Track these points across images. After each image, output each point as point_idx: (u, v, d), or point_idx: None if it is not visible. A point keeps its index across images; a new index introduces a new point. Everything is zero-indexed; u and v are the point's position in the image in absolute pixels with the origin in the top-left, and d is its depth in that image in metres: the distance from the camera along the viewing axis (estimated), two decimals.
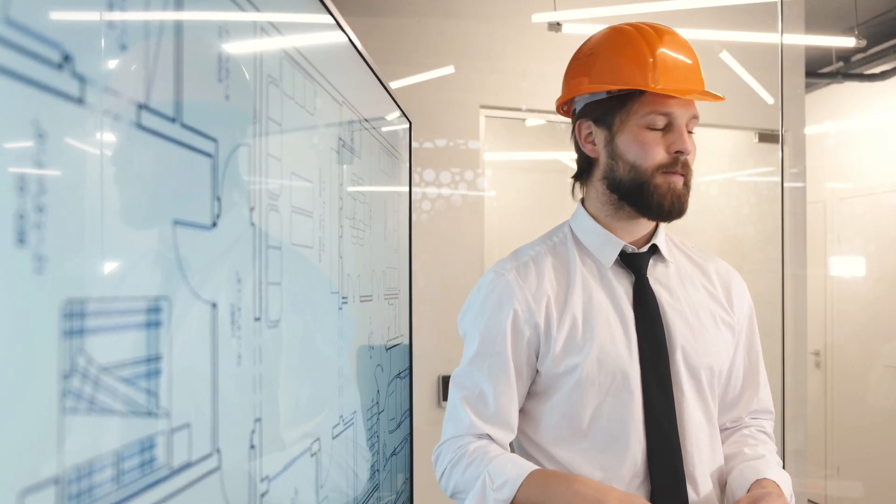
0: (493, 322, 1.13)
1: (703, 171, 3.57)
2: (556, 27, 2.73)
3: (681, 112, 1.08)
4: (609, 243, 1.16)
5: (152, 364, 0.61)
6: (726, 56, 3.06)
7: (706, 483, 1.12)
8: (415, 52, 2.79)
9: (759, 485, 1.07)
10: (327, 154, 1.17)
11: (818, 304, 3.83)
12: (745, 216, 3.43)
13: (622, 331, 1.12)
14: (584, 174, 1.20)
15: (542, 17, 2.74)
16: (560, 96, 1.22)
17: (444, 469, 1.14)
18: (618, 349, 1.10)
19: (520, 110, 2.93)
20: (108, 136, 0.55)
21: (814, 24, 3.16)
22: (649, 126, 1.09)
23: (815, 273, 3.78)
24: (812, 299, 3.36)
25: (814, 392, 3.90)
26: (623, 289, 1.15)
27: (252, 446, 0.83)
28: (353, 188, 1.33)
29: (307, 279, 1.07)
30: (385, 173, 1.69)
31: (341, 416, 1.22)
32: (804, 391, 3.23)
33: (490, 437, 1.14)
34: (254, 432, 0.83)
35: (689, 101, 1.09)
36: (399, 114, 1.89)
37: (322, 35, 1.19)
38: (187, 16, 0.68)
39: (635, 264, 1.16)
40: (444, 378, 2.73)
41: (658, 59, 1.08)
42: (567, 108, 1.25)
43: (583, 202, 1.22)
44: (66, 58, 0.49)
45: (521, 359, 1.13)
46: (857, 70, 3.65)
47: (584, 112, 1.17)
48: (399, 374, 1.86)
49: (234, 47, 0.79)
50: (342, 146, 1.26)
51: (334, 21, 1.23)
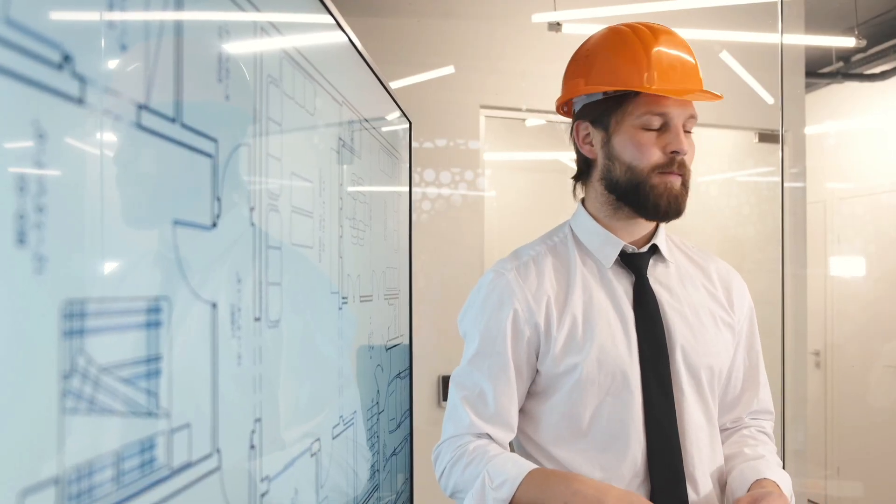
0: (494, 322, 1.13)
1: (703, 171, 3.57)
2: (556, 27, 2.73)
3: (677, 112, 1.08)
4: (609, 243, 1.16)
5: (152, 364, 0.61)
6: (726, 56, 3.06)
7: (706, 483, 1.12)
8: (415, 52, 2.79)
9: (759, 485, 1.07)
10: (327, 154, 1.17)
11: (818, 304, 3.83)
12: (745, 216, 3.43)
13: (622, 331, 1.12)
14: (583, 175, 1.21)
15: (542, 17, 2.74)
16: (559, 97, 1.22)
17: (444, 468, 1.14)
18: (618, 349, 1.10)
19: (520, 110, 2.93)
20: (108, 137, 0.55)
21: (814, 24, 3.16)
22: (645, 126, 1.09)
23: (815, 273, 3.78)
24: (812, 299, 3.36)
25: (814, 392, 3.90)
26: (623, 289, 1.15)
27: (252, 446, 0.83)
28: (353, 188, 1.33)
29: (307, 279, 1.07)
30: (385, 173, 1.69)
31: (341, 416, 1.22)
32: (804, 391, 3.23)
33: (490, 437, 1.14)
34: (254, 432, 0.83)
35: (686, 101, 1.09)
36: (399, 114, 1.89)
37: (322, 35, 1.19)
38: (187, 16, 0.68)
39: (635, 264, 1.16)
40: (444, 378, 2.73)
41: (653, 60, 1.08)
42: (567, 109, 1.25)
43: (583, 202, 1.22)
44: (66, 58, 0.49)
45: (521, 358, 1.13)
46: (857, 70, 3.65)
47: (582, 113, 1.17)
48: (399, 374, 1.86)
49: (234, 47, 0.79)
50: (342, 146, 1.26)
51: (334, 21, 1.23)
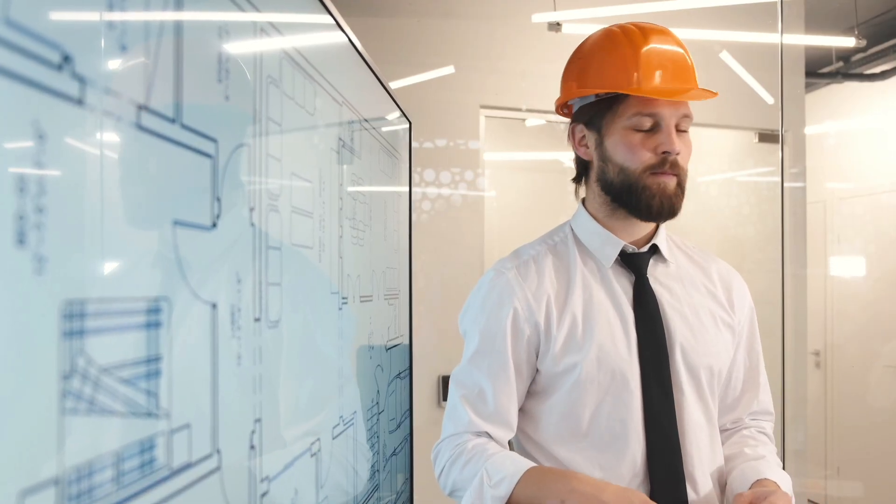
0: (493, 320, 1.14)
1: (703, 171, 3.57)
2: (556, 27, 2.73)
3: (669, 112, 1.08)
4: (609, 243, 1.16)
5: (152, 365, 0.61)
6: (726, 56, 3.06)
7: (706, 483, 1.12)
8: (415, 52, 2.79)
9: (759, 484, 1.07)
10: (327, 154, 1.17)
11: (818, 304, 3.83)
12: (745, 216, 3.43)
13: (622, 330, 1.12)
14: (581, 177, 1.22)
15: (542, 17, 2.74)
16: (557, 98, 1.23)
17: (443, 467, 1.14)
18: (617, 348, 1.10)
19: (520, 110, 2.93)
20: (108, 137, 0.55)
21: (814, 24, 3.16)
22: (635, 128, 1.09)
23: (815, 273, 3.78)
24: (812, 299, 3.36)
25: (814, 392, 3.90)
26: (623, 288, 1.15)
27: (252, 447, 0.83)
28: (353, 188, 1.33)
29: (307, 279, 1.07)
30: (385, 173, 1.69)
31: (341, 417, 1.22)
32: (804, 391, 3.23)
33: (489, 436, 1.14)
34: (254, 433, 0.83)
35: (677, 100, 1.08)
36: (399, 114, 1.89)
37: (322, 35, 1.19)
38: (187, 16, 0.68)
39: (635, 264, 1.16)
40: (444, 378, 2.73)
41: (642, 61, 1.08)
42: (568, 110, 1.25)
43: (583, 202, 1.22)
44: (66, 58, 0.49)
45: (520, 357, 1.13)
46: (857, 70, 3.65)
47: (578, 115, 1.18)
48: (399, 374, 1.86)
49: (234, 47, 0.79)
50: (342, 146, 1.26)
51: (334, 21, 1.23)
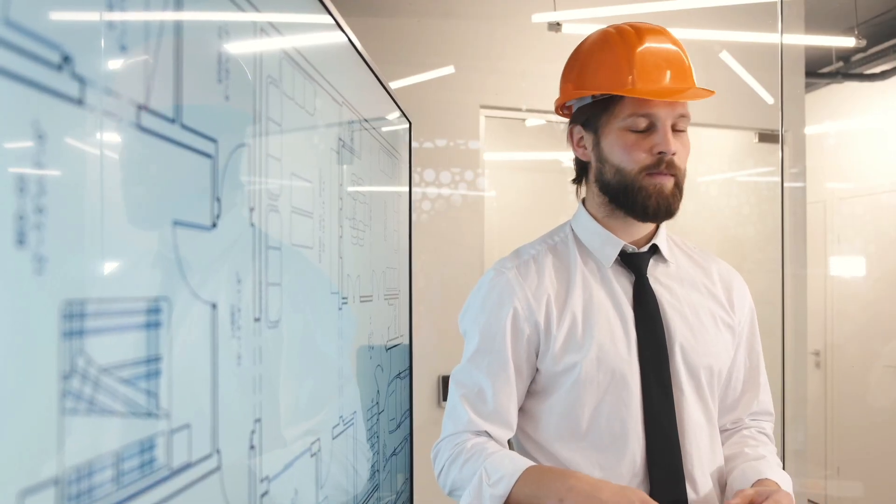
0: (493, 320, 1.14)
1: (703, 171, 3.57)
2: (556, 27, 2.73)
3: (664, 112, 1.08)
4: (609, 243, 1.16)
5: (152, 365, 0.61)
6: (726, 56, 3.06)
7: (706, 483, 1.12)
8: (415, 52, 2.79)
9: (760, 484, 1.07)
10: (327, 154, 1.17)
11: (818, 304, 3.83)
12: (745, 216, 3.43)
13: (622, 330, 1.12)
14: (580, 177, 1.22)
15: (542, 17, 2.74)
16: (556, 99, 1.23)
17: (443, 466, 1.14)
18: (617, 348, 1.10)
19: (520, 110, 2.93)
20: (108, 137, 0.55)
21: (814, 24, 3.16)
22: (630, 128, 1.09)
23: (815, 273, 3.78)
24: (812, 299, 3.36)
25: (814, 392, 3.90)
26: (623, 288, 1.15)
27: (252, 447, 0.83)
28: (352, 188, 1.33)
29: (307, 279, 1.07)
30: (385, 173, 1.69)
31: (341, 417, 1.22)
32: (804, 391, 3.23)
33: (488, 435, 1.14)
34: (254, 433, 0.83)
35: (673, 100, 1.08)
36: (399, 114, 1.89)
37: (322, 35, 1.19)
38: (187, 16, 0.68)
39: (635, 264, 1.16)
40: (444, 378, 2.73)
41: (636, 61, 1.08)
42: (567, 112, 1.25)
43: (584, 202, 1.22)
44: (66, 59, 0.49)
45: (520, 357, 1.13)
46: (857, 70, 3.65)
47: (576, 116, 1.18)
48: (399, 374, 1.86)
49: (234, 48, 0.79)
50: (342, 146, 1.26)
51: (334, 21, 1.23)
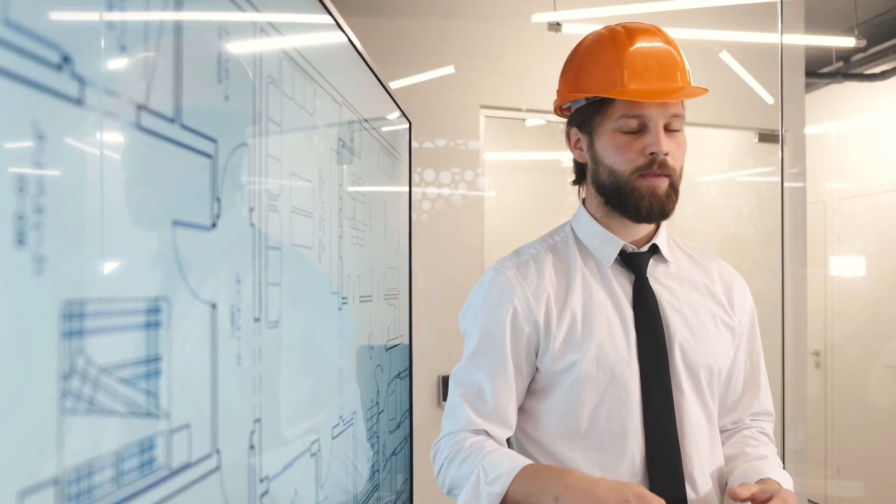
0: (493, 319, 1.14)
1: (703, 171, 3.57)
2: (556, 27, 2.73)
3: (656, 113, 1.07)
4: (609, 243, 1.16)
5: (152, 365, 0.61)
6: (726, 56, 3.06)
7: (705, 483, 1.12)
8: (415, 52, 2.79)
9: (763, 483, 1.07)
10: (327, 154, 1.17)
11: (818, 304, 3.83)
12: (745, 216, 3.43)
13: (622, 329, 1.12)
14: (579, 178, 1.23)
15: (542, 17, 2.74)
16: (554, 101, 1.24)
17: (442, 465, 1.14)
18: (617, 347, 1.10)
19: (520, 110, 2.93)
20: (108, 137, 0.55)
21: (814, 24, 3.16)
22: (622, 130, 1.09)
23: (815, 273, 3.78)
24: (812, 299, 3.36)
25: (814, 392, 3.90)
26: (623, 288, 1.15)
27: (252, 447, 0.83)
28: (352, 188, 1.33)
29: (307, 279, 1.07)
30: (385, 173, 1.69)
31: (341, 417, 1.22)
32: (804, 391, 3.23)
33: (487, 434, 1.14)
34: (253, 433, 0.83)
35: (664, 101, 1.07)
36: (399, 114, 1.89)
37: (322, 35, 1.19)
38: (187, 16, 0.68)
39: (635, 264, 1.16)
40: (444, 378, 2.73)
41: (626, 62, 1.08)
42: (567, 113, 1.26)
43: (584, 202, 1.23)
44: (66, 59, 0.49)
45: (520, 356, 1.13)
46: (857, 70, 3.65)
47: (572, 118, 1.19)
48: (399, 374, 1.86)
49: (234, 48, 0.79)
50: (342, 146, 1.26)
51: (334, 21, 1.23)
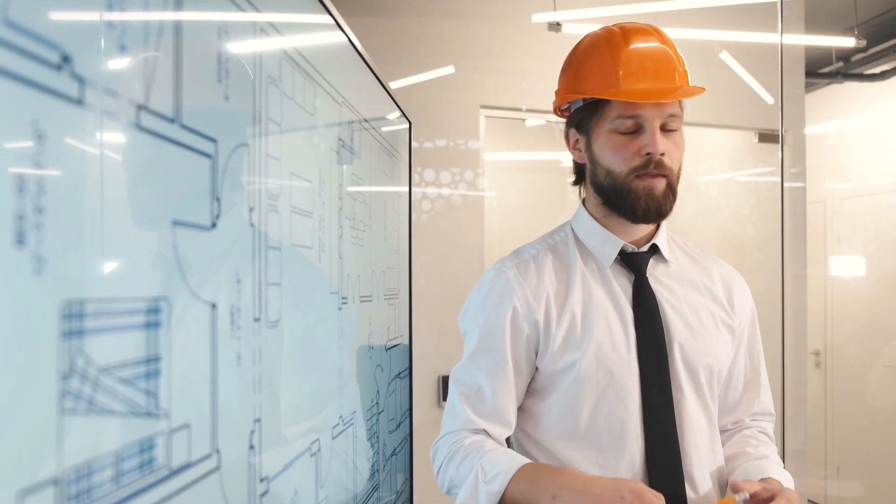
0: (493, 318, 1.14)
1: (703, 171, 3.57)
2: (556, 27, 2.73)
3: (651, 113, 1.07)
4: (609, 243, 1.16)
5: (151, 365, 0.61)
6: (726, 56, 3.06)
7: (705, 483, 1.12)
8: (415, 52, 2.79)
9: (765, 482, 1.07)
10: (327, 154, 1.16)
11: (818, 304, 3.83)
12: (745, 216, 3.43)
13: (621, 329, 1.12)
14: (578, 179, 1.23)
15: (542, 17, 2.74)
16: (553, 102, 1.24)
17: (441, 464, 1.14)
18: (616, 347, 1.10)
19: (520, 110, 2.93)
20: (108, 137, 0.55)
21: (814, 24, 3.16)
22: (618, 130, 1.09)
23: (815, 273, 3.78)
24: (812, 299, 3.36)
25: (814, 392, 3.90)
26: (623, 288, 1.15)
27: (251, 447, 0.83)
28: (352, 188, 1.33)
29: (307, 279, 1.07)
30: (385, 173, 1.69)
31: (341, 417, 1.22)
32: (804, 391, 3.23)
33: (486, 433, 1.14)
34: (253, 433, 0.83)
35: (659, 101, 1.07)
36: (399, 114, 1.89)
37: (322, 35, 1.19)
38: (187, 16, 0.68)
39: (635, 263, 1.16)
40: (444, 378, 2.73)
41: (621, 63, 1.08)
42: (566, 114, 1.26)
43: (584, 203, 1.23)
44: (66, 59, 0.49)
45: (519, 355, 1.13)
46: (857, 70, 3.65)
47: (570, 119, 1.19)
48: (399, 374, 1.86)
49: (234, 48, 0.79)
50: (342, 146, 1.26)
51: (334, 21, 1.23)
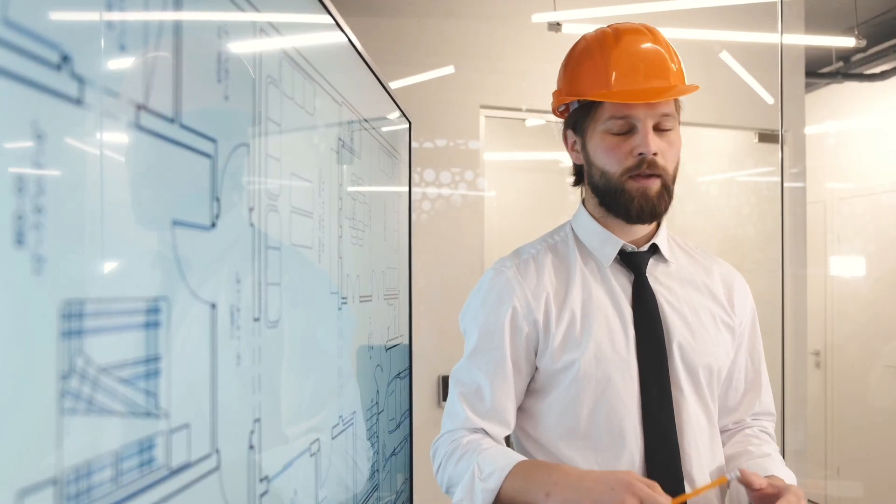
0: (492, 318, 1.14)
1: (703, 171, 3.57)
2: (556, 27, 2.73)
3: (643, 113, 1.07)
4: (608, 242, 1.16)
5: (151, 364, 0.61)
6: (726, 56, 3.06)
7: (705, 482, 1.12)
8: (415, 52, 2.79)
9: (769, 479, 1.07)
10: (327, 154, 1.16)
11: (818, 304, 3.83)
12: (745, 216, 3.43)
13: (621, 328, 1.12)
14: (577, 179, 1.24)
15: (542, 17, 2.74)
16: (552, 103, 1.25)
17: (440, 463, 1.15)
18: (615, 346, 1.10)
19: (520, 110, 2.93)
20: (107, 137, 0.55)
21: (814, 24, 3.16)
22: (611, 131, 1.10)
23: (815, 273, 3.78)
24: (812, 299, 3.36)
25: (814, 392, 3.90)
26: (622, 287, 1.15)
27: (251, 447, 0.83)
28: (352, 188, 1.33)
29: (306, 279, 1.07)
30: (385, 173, 1.69)
31: (341, 417, 1.22)
32: (804, 391, 3.23)
33: (485, 432, 1.15)
34: (253, 433, 0.83)
35: (651, 101, 1.07)
36: (399, 114, 1.89)
37: (321, 35, 1.19)
38: (186, 16, 0.68)
39: (635, 263, 1.16)
40: (444, 378, 2.73)
41: (612, 64, 1.09)
42: (565, 114, 1.26)
43: (584, 202, 1.23)
44: (65, 58, 0.49)
45: (519, 355, 1.14)
46: (857, 70, 3.65)
47: (567, 120, 1.20)
48: (399, 374, 1.86)
49: (234, 48, 0.79)
50: (342, 146, 1.26)
51: (334, 21, 1.23)
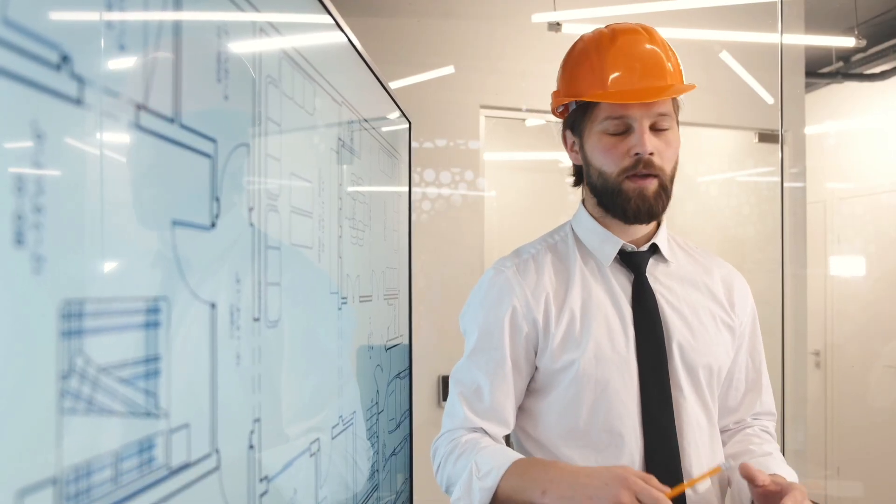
0: (492, 318, 1.14)
1: (703, 171, 3.57)
2: (556, 27, 2.73)
3: (640, 113, 1.07)
4: (608, 242, 1.16)
5: (151, 364, 0.61)
6: (726, 56, 3.06)
7: (705, 482, 1.12)
8: (415, 52, 2.79)
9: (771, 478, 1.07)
10: (327, 154, 1.16)
11: (818, 304, 3.83)
12: (745, 216, 3.43)
13: (620, 328, 1.12)
14: (577, 180, 1.24)
15: (542, 17, 2.74)
16: (551, 104, 1.25)
17: (440, 462, 1.15)
18: (615, 346, 1.10)
19: (520, 110, 2.93)
20: (107, 137, 0.55)
21: (814, 24, 3.16)
22: (607, 131, 1.10)
23: (815, 273, 3.78)
24: (812, 299, 3.36)
25: (814, 392, 3.90)
26: (622, 287, 1.15)
27: (251, 446, 0.83)
28: (352, 188, 1.33)
29: (306, 279, 1.07)
30: (385, 173, 1.69)
31: (341, 417, 1.22)
32: (804, 391, 3.23)
33: (484, 432, 1.15)
34: (253, 433, 0.83)
35: (647, 101, 1.07)
36: (399, 114, 1.89)
37: (321, 35, 1.19)
38: (186, 16, 0.68)
39: (635, 263, 1.16)
40: (444, 378, 2.73)
41: (607, 65, 1.09)
42: (565, 115, 1.26)
43: (584, 202, 1.23)
44: (65, 58, 0.49)
45: (518, 354, 1.14)
46: (857, 70, 3.65)
47: (566, 121, 1.20)
48: (399, 374, 1.86)
49: (234, 47, 0.79)
50: (342, 146, 1.26)
51: (334, 21, 1.23)
